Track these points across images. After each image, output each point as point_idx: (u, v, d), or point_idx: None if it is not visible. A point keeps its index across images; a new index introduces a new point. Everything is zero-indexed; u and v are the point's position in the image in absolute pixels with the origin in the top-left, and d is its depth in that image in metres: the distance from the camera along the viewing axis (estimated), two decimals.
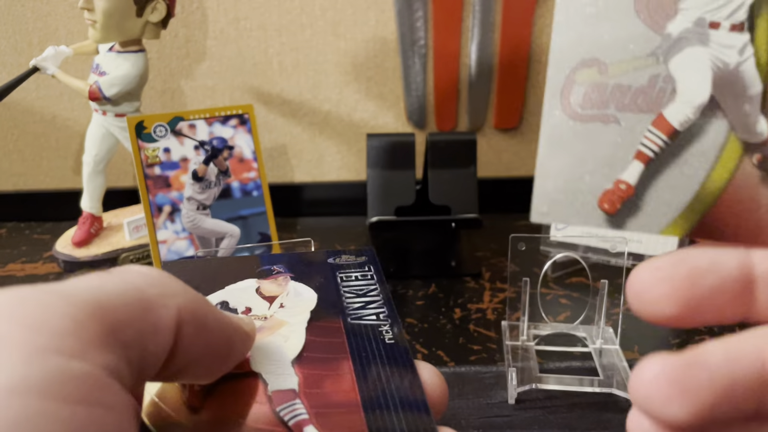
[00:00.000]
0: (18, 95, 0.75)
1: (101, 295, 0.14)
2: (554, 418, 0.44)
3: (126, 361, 0.14)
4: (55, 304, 0.13)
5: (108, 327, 0.14)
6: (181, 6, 0.74)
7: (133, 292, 0.15)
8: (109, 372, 0.14)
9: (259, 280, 0.25)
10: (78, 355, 0.13)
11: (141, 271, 0.16)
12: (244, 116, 0.62)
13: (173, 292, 0.16)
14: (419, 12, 0.74)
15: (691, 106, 0.16)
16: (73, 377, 0.13)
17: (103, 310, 0.14)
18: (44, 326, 0.13)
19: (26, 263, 0.70)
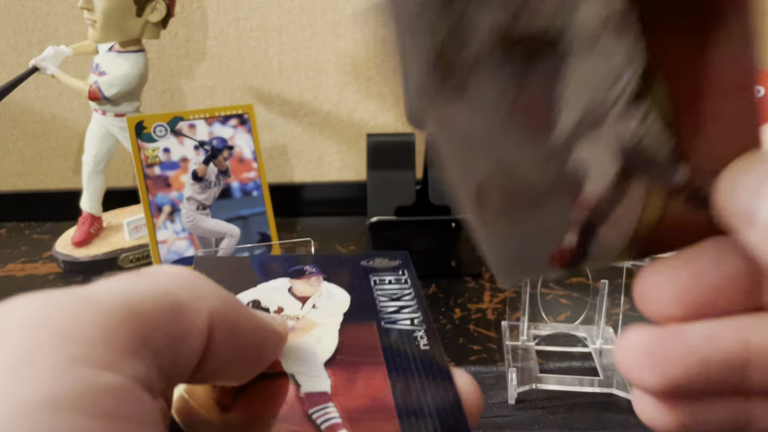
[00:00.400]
0: (18, 95, 0.75)
1: (132, 300, 0.14)
2: (554, 418, 0.44)
3: (157, 368, 0.14)
4: (84, 312, 0.13)
5: (139, 334, 0.14)
6: (181, 6, 0.74)
7: (165, 296, 0.15)
8: (140, 382, 0.13)
9: (291, 279, 0.25)
10: (108, 367, 0.13)
11: (173, 273, 0.16)
12: (243, 116, 0.62)
13: (205, 295, 0.16)
14: None
15: (603, 184, 0.16)
16: (104, 390, 0.12)
17: (134, 317, 0.14)
18: (74, 336, 0.12)
19: (26, 263, 0.70)
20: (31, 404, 0.11)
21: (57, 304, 0.13)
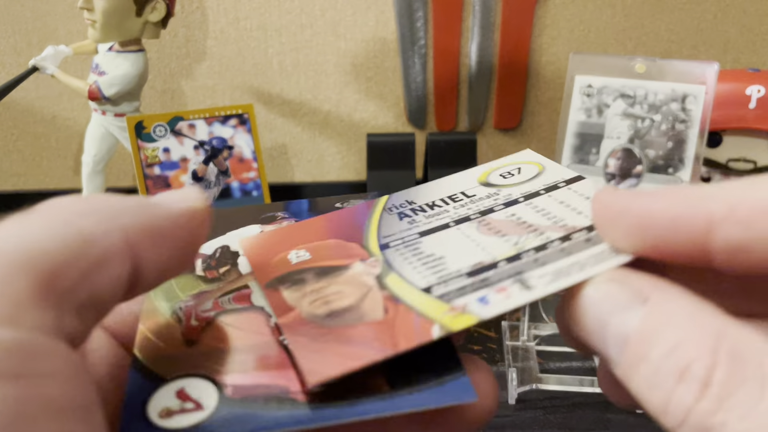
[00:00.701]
0: (17, 95, 0.75)
1: (27, 242, 0.13)
2: (554, 418, 0.44)
3: (70, 309, 0.13)
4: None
5: (42, 278, 0.12)
6: (181, 6, 0.74)
7: (65, 229, 0.13)
8: (48, 331, 0.12)
9: (262, 225, 0.24)
10: (7, 321, 0.11)
11: (68, 202, 0.14)
12: (243, 116, 0.62)
13: (113, 215, 0.14)
14: (419, 12, 0.74)
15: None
16: (3, 349, 0.11)
17: (32, 260, 0.12)
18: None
19: None
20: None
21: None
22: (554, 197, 0.22)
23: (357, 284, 0.19)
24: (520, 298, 0.18)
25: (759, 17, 0.75)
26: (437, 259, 0.20)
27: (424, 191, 0.24)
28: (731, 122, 0.64)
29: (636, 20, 0.75)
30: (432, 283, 0.19)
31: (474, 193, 0.23)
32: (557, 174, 0.23)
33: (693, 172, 0.59)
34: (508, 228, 0.21)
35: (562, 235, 0.20)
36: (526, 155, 0.25)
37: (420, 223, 0.22)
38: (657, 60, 0.60)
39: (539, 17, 0.75)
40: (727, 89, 0.63)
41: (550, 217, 0.21)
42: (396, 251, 0.21)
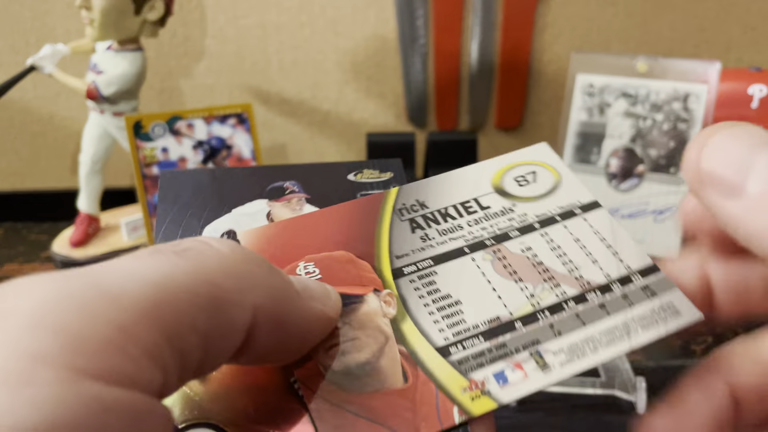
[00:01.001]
0: (15, 94, 0.74)
1: (163, 290, 0.12)
2: (555, 420, 0.43)
3: (179, 368, 0.12)
4: (101, 310, 0.11)
5: (165, 332, 0.12)
6: (180, 4, 0.74)
7: (204, 287, 0.13)
8: (154, 392, 0.12)
9: (270, 201, 0.22)
10: (121, 380, 0.11)
11: (219, 253, 0.13)
12: (242, 115, 0.62)
13: (252, 285, 0.14)
14: (420, 10, 0.74)
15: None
16: (113, 410, 0.11)
17: (161, 313, 0.12)
18: (85, 342, 0.11)
19: (24, 264, 0.69)
20: (28, 429, 0.10)
21: (69, 297, 0.11)
22: (570, 230, 0.22)
23: (373, 330, 0.19)
24: (538, 382, 0.18)
25: (761, 16, 0.74)
26: (454, 303, 0.20)
27: (435, 189, 0.23)
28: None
29: (638, 19, 0.75)
30: (449, 341, 0.19)
31: (488, 204, 0.22)
32: (573, 193, 0.23)
33: None
34: (524, 270, 0.21)
35: (578, 293, 0.20)
36: (542, 153, 0.24)
37: (433, 242, 0.21)
38: (659, 59, 0.59)
39: (540, 16, 0.74)
40: (729, 88, 0.63)
41: (565, 261, 0.21)
42: (410, 283, 0.20)
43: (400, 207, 0.22)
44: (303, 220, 0.21)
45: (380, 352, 0.18)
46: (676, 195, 0.60)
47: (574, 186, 0.23)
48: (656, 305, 0.20)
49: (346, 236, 0.21)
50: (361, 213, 0.22)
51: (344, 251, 0.21)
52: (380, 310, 0.19)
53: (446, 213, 0.22)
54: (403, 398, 0.18)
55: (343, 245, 0.21)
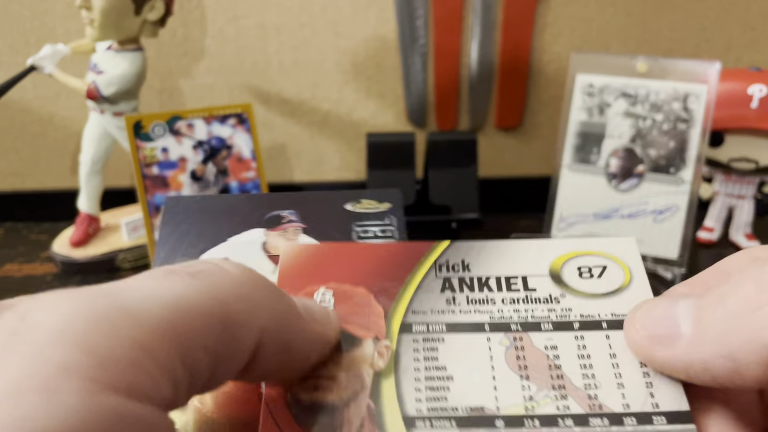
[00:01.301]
0: (15, 94, 0.74)
1: (179, 311, 0.13)
2: None
3: (188, 384, 0.13)
4: (123, 328, 0.12)
5: (179, 351, 0.12)
6: (180, 4, 0.74)
7: (217, 308, 0.13)
8: (166, 406, 0.12)
9: (266, 231, 0.23)
10: (139, 395, 0.12)
11: (231, 277, 0.14)
12: (242, 115, 0.62)
13: (260, 308, 0.14)
14: (420, 10, 0.74)
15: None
16: (129, 421, 0.11)
17: (177, 333, 0.13)
18: (108, 357, 0.11)
19: (24, 263, 0.69)
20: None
21: (93, 315, 0.12)
22: (611, 341, 0.19)
23: (354, 376, 0.18)
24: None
25: (761, 16, 0.74)
26: (445, 378, 0.19)
27: (486, 254, 0.21)
28: (733, 121, 0.64)
29: (638, 19, 0.75)
30: (421, 415, 0.18)
31: (535, 287, 0.20)
32: (637, 297, 0.20)
33: (695, 172, 0.59)
34: (537, 369, 0.19)
35: (581, 414, 0.18)
36: (625, 248, 0.21)
37: (458, 308, 0.20)
38: (659, 59, 0.59)
39: (540, 15, 0.74)
40: (729, 88, 0.63)
41: (587, 374, 0.19)
42: (413, 342, 0.19)
43: (442, 262, 0.21)
44: (348, 248, 0.21)
45: (350, 400, 0.18)
46: (675, 195, 0.60)
47: (642, 293, 0.20)
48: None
49: (377, 274, 0.21)
50: (403, 256, 0.21)
51: (365, 290, 0.20)
52: (370, 359, 0.19)
53: (485, 282, 0.21)
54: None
55: (370, 282, 0.20)
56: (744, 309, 0.15)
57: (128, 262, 0.67)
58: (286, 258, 0.21)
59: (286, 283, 0.20)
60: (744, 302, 0.15)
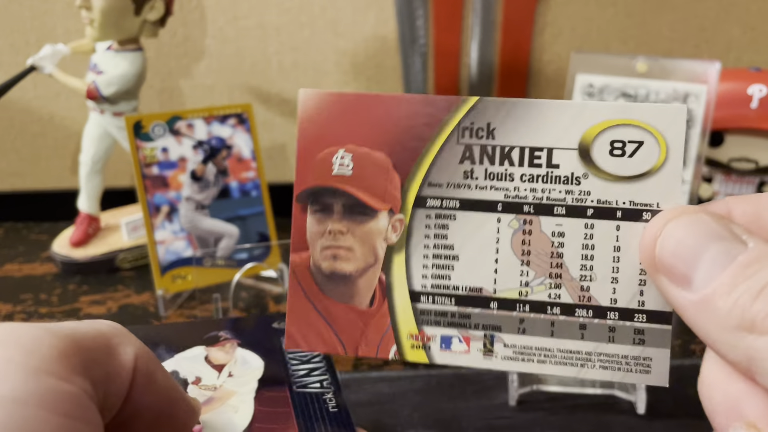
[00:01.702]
0: (15, 94, 0.74)
1: (77, 334, 0.16)
2: (555, 419, 0.43)
3: (96, 394, 0.16)
4: (42, 336, 0.15)
5: (83, 362, 0.16)
6: (180, 4, 0.74)
7: (102, 338, 0.17)
8: (90, 396, 0.16)
9: (207, 347, 0.25)
10: (65, 378, 0.15)
11: (106, 322, 0.18)
12: (242, 115, 0.62)
13: (132, 341, 0.18)
14: (419, 10, 0.74)
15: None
16: (64, 395, 0.15)
17: (79, 347, 0.16)
18: (36, 352, 0.15)
19: (24, 263, 0.69)
20: (7, 399, 0.14)
21: (19, 328, 0.15)
22: (621, 233, 0.19)
23: (369, 248, 0.20)
24: (474, 362, 0.19)
25: (761, 16, 0.74)
26: (451, 257, 0.20)
27: (515, 118, 0.20)
28: (733, 122, 0.64)
29: (638, 19, 0.75)
30: (425, 290, 0.20)
31: (558, 163, 0.19)
32: (662, 190, 0.19)
33: (695, 172, 0.59)
34: (539, 255, 0.19)
35: (569, 303, 0.19)
36: (672, 120, 0.19)
37: (474, 183, 0.20)
38: (659, 59, 0.60)
39: (540, 15, 0.74)
40: (729, 88, 0.63)
41: (586, 265, 0.19)
42: (426, 218, 0.20)
43: (467, 125, 0.20)
44: (374, 100, 0.21)
45: (364, 271, 0.20)
46: None
47: (670, 182, 0.19)
48: (634, 353, 0.19)
49: (399, 136, 0.20)
50: (427, 115, 0.20)
51: (385, 155, 0.20)
52: (384, 232, 0.20)
53: (507, 154, 0.20)
54: (360, 319, 0.20)
55: (390, 147, 0.20)
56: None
57: (128, 262, 0.67)
58: (306, 108, 0.21)
59: (305, 142, 0.21)
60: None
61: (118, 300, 0.62)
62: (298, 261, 0.21)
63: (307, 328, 0.20)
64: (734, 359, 0.15)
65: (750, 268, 0.15)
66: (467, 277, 0.20)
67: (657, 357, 0.18)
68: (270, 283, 0.60)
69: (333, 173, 0.21)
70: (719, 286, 0.15)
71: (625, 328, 0.19)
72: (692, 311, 0.16)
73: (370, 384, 0.46)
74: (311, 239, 0.21)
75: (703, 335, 0.16)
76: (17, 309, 0.60)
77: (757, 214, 0.17)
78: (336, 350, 0.20)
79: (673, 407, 0.43)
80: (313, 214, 0.21)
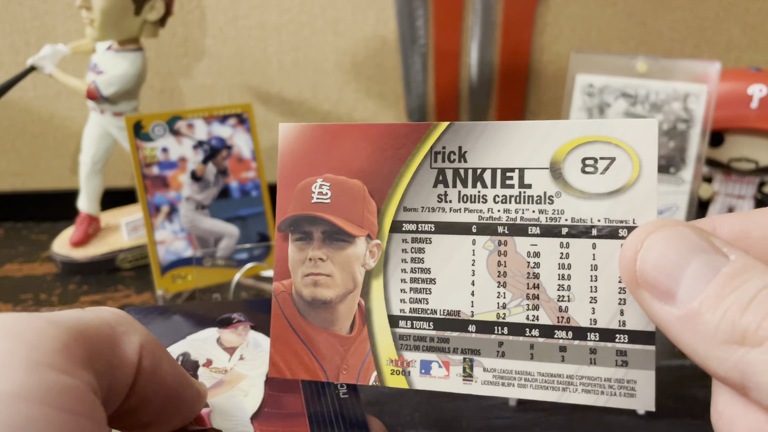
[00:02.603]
0: (15, 94, 0.74)
1: (81, 324, 0.16)
2: (555, 419, 0.43)
3: (99, 385, 0.16)
4: (45, 327, 0.15)
5: (87, 353, 0.16)
6: (180, 4, 0.74)
7: (106, 328, 0.17)
8: (92, 389, 0.15)
9: (219, 329, 0.25)
10: (67, 372, 0.15)
11: (111, 310, 0.18)
12: (242, 115, 0.62)
13: (137, 330, 0.18)
14: (419, 10, 0.74)
15: None
16: (65, 389, 0.14)
17: (83, 338, 0.16)
18: (38, 345, 0.15)
19: (24, 263, 0.69)
20: (9, 395, 0.14)
21: (22, 320, 0.15)
22: (597, 252, 0.18)
23: (348, 274, 0.21)
24: (453, 387, 0.19)
25: (761, 16, 0.74)
26: (428, 280, 0.20)
27: (486, 140, 0.20)
28: (733, 122, 0.64)
29: (638, 19, 0.75)
30: (404, 314, 0.20)
31: (531, 183, 0.19)
32: (636, 206, 0.18)
33: (695, 172, 0.59)
34: (515, 276, 0.19)
35: (548, 325, 0.19)
36: (644, 133, 0.19)
37: (448, 206, 0.20)
38: (659, 59, 0.59)
39: (540, 16, 0.74)
40: (729, 88, 0.63)
41: (563, 285, 0.19)
42: (402, 242, 0.20)
43: (439, 150, 0.20)
44: (346, 130, 0.21)
45: (344, 297, 0.21)
46: (675, 195, 0.60)
47: (644, 197, 0.18)
48: (617, 376, 0.18)
49: (374, 164, 0.21)
50: (400, 141, 0.21)
51: (361, 182, 0.21)
52: (363, 258, 0.21)
53: (479, 176, 0.20)
54: (341, 345, 0.20)
55: (367, 174, 0.21)
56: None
57: (128, 262, 0.67)
58: (285, 140, 0.22)
59: (286, 173, 0.21)
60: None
61: (118, 300, 0.62)
62: (280, 288, 0.21)
63: (291, 355, 0.21)
64: (724, 375, 0.15)
65: (736, 279, 0.15)
66: (444, 300, 0.20)
67: (641, 379, 0.18)
68: (270, 283, 0.60)
69: (312, 202, 0.21)
70: (705, 299, 0.15)
71: (607, 349, 0.18)
72: (677, 327, 0.15)
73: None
74: (293, 267, 0.21)
75: (690, 351, 0.15)
76: (17, 309, 0.60)
77: (745, 231, 0.17)
78: (318, 377, 0.20)
79: (673, 407, 0.43)
80: (294, 242, 0.21)
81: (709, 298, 0.15)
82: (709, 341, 0.15)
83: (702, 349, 0.15)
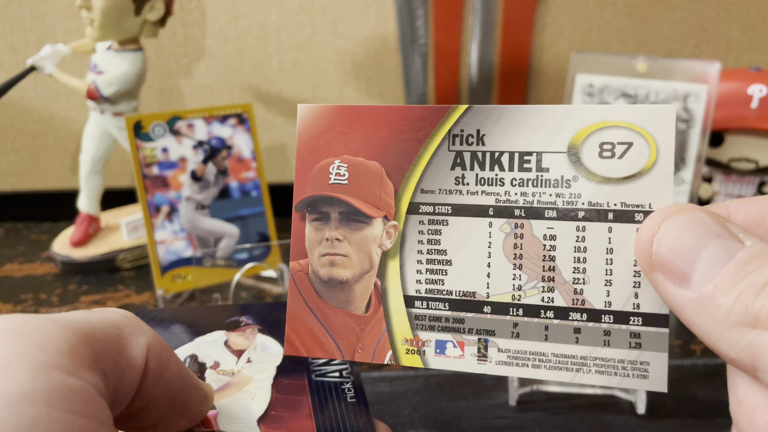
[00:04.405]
0: (15, 94, 0.75)
1: (87, 326, 0.16)
2: (555, 419, 0.43)
3: (105, 387, 0.16)
4: (52, 329, 0.15)
5: (93, 355, 0.16)
6: (180, 4, 0.74)
7: (113, 329, 0.17)
8: (98, 391, 0.15)
9: (227, 332, 0.25)
10: (74, 373, 0.15)
11: (118, 312, 0.18)
12: (242, 115, 0.62)
13: (144, 331, 0.18)
14: (420, 10, 0.74)
15: None
16: (72, 391, 0.14)
17: (89, 339, 0.16)
18: (45, 347, 0.15)
19: (24, 263, 0.69)
20: (15, 396, 0.14)
21: (29, 322, 0.15)
22: (613, 235, 0.19)
23: (364, 254, 0.21)
24: (468, 367, 0.19)
25: (761, 16, 0.74)
26: (444, 262, 0.20)
27: (504, 124, 0.20)
28: (733, 122, 0.64)
29: (638, 19, 0.75)
30: (419, 295, 0.20)
31: (548, 166, 0.19)
32: (653, 190, 0.19)
33: (695, 172, 0.59)
34: (531, 259, 0.19)
35: (563, 307, 0.19)
36: (661, 120, 0.19)
37: (465, 188, 0.20)
38: (659, 59, 0.59)
39: (540, 15, 0.74)
40: (729, 88, 0.63)
41: (579, 268, 0.19)
42: (419, 224, 0.20)
43: (457, 132, 0.20)
44: (367, 111, 0.21)
45: (360, 277, 0.21)
46: (675, 195, 0.60)
47: (661, 182, 0.19)
48: (630, 357, 0.18)
49: (392, 145, 0.21)
50: (418, 124, 0.21)
51: (378, 164, 0.21)
52: (379, 239, 0.21)
53: (497, 159, 0.20)
54: (357, 324, 0.21)
55: (384, 156, 0.21)
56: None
57: (128, 262, 0.67)
58: (303, 121, 0.22)
59: (304, 154, 0.22)
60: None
61: (118, 300, 0.62)
62: (297, 268, 0.21)
63: (306, 333, 0.21)
64: (736, 357, 0.15)
65: (750, 264, 0.15)
66: (460, 281, 0.20)
67: (654, 361, 0.18)
68: (270, 283, 0.60)
69: (330, 183, 0.21)
70: (720, 282, 0.15)
71: (621, 331, 0.18)
72: (691, 309, 0.16)
73: (370, 384, 0.46)
74: (310, 247, 0.21)
75: (703, 334, 0.16)
76: (17, 309, 0.60)
77: (760, 217, 0.17)
78: (333, 355, 0.21)
79: (673, 407, 0.43)
80: (311, 222, 0.21)
81: (724, 282, 0.15)
82: (721, 324, 0.15)
83: (714, 331, 0.15)
